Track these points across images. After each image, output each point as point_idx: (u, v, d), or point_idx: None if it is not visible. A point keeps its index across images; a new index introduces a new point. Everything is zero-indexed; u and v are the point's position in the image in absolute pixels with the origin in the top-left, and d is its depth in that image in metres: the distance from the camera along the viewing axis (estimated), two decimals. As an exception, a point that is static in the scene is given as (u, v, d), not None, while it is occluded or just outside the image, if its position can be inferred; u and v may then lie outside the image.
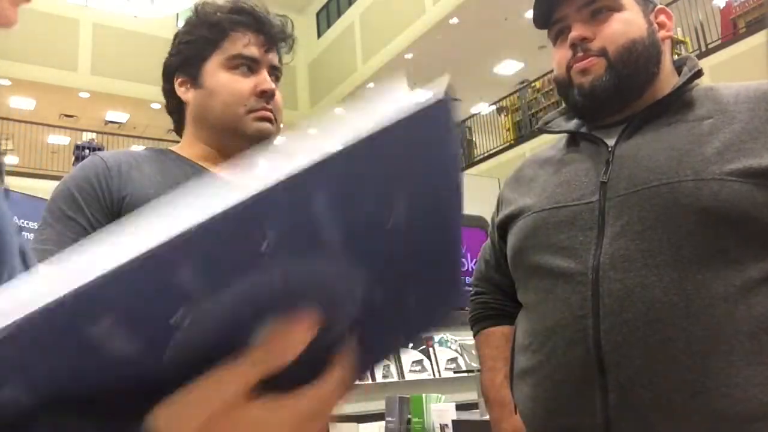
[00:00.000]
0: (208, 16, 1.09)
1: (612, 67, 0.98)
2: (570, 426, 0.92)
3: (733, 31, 8.71)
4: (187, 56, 1.10)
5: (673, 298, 0.85)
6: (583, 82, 1.00)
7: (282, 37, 1.13)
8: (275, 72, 1.13)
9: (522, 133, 11.68)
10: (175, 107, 1.14)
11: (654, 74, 1.00)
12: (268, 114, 1.09)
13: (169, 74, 1.13)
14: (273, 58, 1.12)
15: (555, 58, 1.06)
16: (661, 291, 0.85)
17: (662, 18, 1.05)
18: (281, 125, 1.14)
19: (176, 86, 1.12)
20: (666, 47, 1.04)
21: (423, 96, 0.29)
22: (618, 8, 1.00)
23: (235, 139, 1.09)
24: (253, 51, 1.09)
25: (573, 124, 1.10)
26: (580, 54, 1.00)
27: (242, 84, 1.08)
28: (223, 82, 1.08)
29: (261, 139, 1.09)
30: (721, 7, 9.21)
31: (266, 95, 1.08)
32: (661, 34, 1.03)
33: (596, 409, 0.88)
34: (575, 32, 1.01)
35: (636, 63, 0.98)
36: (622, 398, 0.86)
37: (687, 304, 0.84)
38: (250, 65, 1.09)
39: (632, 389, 0.85)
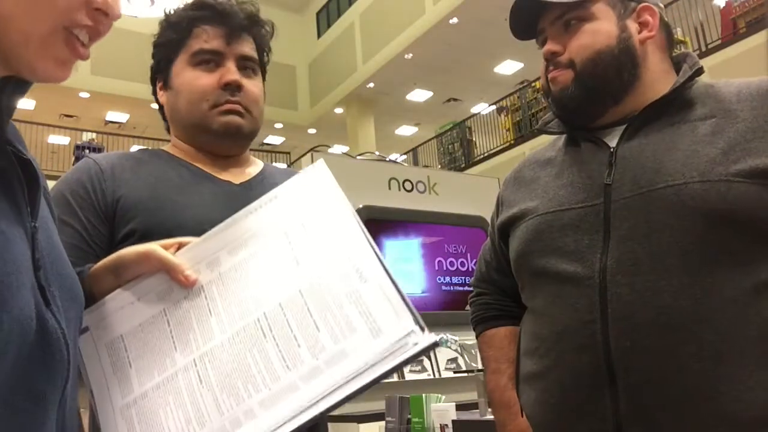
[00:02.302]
0: (172, 17, 1.09)
1: (578, 78, 0.99)
2: (580, 431, 0.92)
3: (733, 31, 8.70)
4: (158, 60, 1.11)
5: (682, 302, 0.84)
6: (554, 91, 1.02)
7: (249, 24, 1.09)
8: (247, 62, 1.09)
9: (522, 133, 11.67)
10: (161, 110, 1.15)
11: (629, 81, 0.99)
12: (235, 107, 1.05)
13: (152, 80, 1.13)
14: (240, 48, 1.07)
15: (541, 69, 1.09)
16: (670, 295, 0.85)
17: (646, 17, 1.02)
18: (256, 119, 1.10)
19: (157, 90, 1.12)
20: (653, 47, 1.02)
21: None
22: (588, 18, 1.00)
23: (204, 135, 1.07)
24: (215, 44, 1.06)
25: None
26: (551, 67, 1.03)
27: (205, 79, 1.05)
28: (186, 79, 1.06)
29: (228, 133, 1.06)
30: (721, 7, 9.20)
31: (230, 87, 1.05)
32: (642, 35, 1.01)
33: (607, 414, 0.87)
34: (546, 47, 1.03)
35: (604, 73, 0.98)
36: (633, 404, 0.86)
37: (696, 308, 0.83)
38: (214, 59, 1.06)
39: (643, 394, 0.85)
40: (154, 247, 0.71)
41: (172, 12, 1.09)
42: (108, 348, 0.68)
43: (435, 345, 0.57)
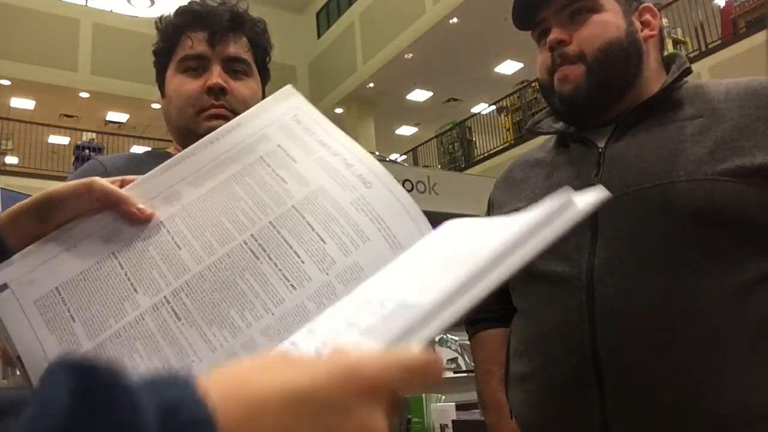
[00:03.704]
0: (161, 25, 1.09)
1: (590, 72, 0.97)
2: (568, 431, 0.92)
3: (733, 31, 8.70)
4: (156, 70, 1.12)
5: (668, 301, 0.84)
6: (563, 90, 1.00)
7: (234, 24, 1.07)
8: (235, 63, 1.07)
9: (522, 133, 11.66)
10: None
11: (634, 75, 0.99)
12: (220, 111, 1.04)
13: (159, 88, 1.15)
14: (226, 49, 1.06)
15: (538, 61, 1.06)
16: (656, 294, 0.84)
17: (647, 17, 1.03)
18: None
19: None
20: (651, 46, 1.02)
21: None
22: (596, 9, 0.99)
23: (193, 140, 1.07)
24: (199, 48, 1.05)
25: (561, 124, 1.09)
26: (558, 60, 1.00)
27: (190, 85, 1.05)
28: (174, 86, 1.07)
29: None
30: (721, 7, 9.20)
31: (213, 91, 1.04)
32: (644, 33, 1.01)
33: (594, 414, 0.87)
34: (552, 35, 1.00)
35: (613, 65, 0.97)
36: (620, 403, 0.85)
37: (683, 307, 0.83)
38: (200, 64, 1.06)
39: (630, 394, 0.85)
40: (94, 178, 0.58)
41: (161, 20, 1.09)
42: (39, 305, 0.54)
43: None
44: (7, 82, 12.41)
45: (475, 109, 14.16)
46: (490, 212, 1.16)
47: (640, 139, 0.95)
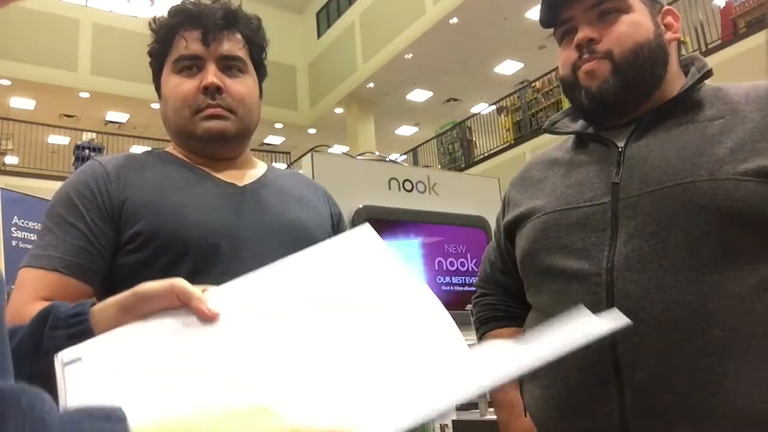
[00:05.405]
0: (155, 26, 1.09)
1: (618, 69, 0.98)
2: (585, 428, 0.92)
3: (733, 31, 8.70)
4: (152, 71, 1.11)
5: (689, 298, 0.84)
6: (590, 85, 1.00)
7: (228, 22, 1.06)
8: (230, 61, 1.07)
9: (522, 133, 11.67)
10: None
11: (661, 77, 1.00)
12: (216, 110, 1.04)
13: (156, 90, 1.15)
14: (220, 48, 1.05)
15: (560, 58, 1.06)
16: (677, 292, 0.85)
17: (669, 19, 1.04)
18: (243, 118, 1.08)
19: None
20: (672, 48, 1.03)
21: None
22: (626, 10, 0.99)
23: (192, 141, 1.07)
24: (193, 48, 1.04)
25: (579, 124, 1.10)
26: (586, 56, 1.00)
27: (186, 85, 1.05)
28: (170, 87, 1.06)
29: (212, 138, 1.05)
30: (721, 7, 9.20)
31: (209, 91, 1.03)
32: (668, 35, 1.02)
33: (613, 410, 0.88)
34: (581, 33, 1.00)
35: (642, 66, 0.98)
36: (639, 399, 0.86)
37: (703, 305, 0.84)
38: (195, 63, 1.05)
39: (649, 390, 0.85)
40: (176, 279, 0.64)
41: (154, 21, 1.09)
42: (97, 382, 0.58)
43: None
44: (7, 82, 12.41)
45: (475, 109, 14.15)
46: (505, 211, 1.16)
47: (661, 139, 0.96)
